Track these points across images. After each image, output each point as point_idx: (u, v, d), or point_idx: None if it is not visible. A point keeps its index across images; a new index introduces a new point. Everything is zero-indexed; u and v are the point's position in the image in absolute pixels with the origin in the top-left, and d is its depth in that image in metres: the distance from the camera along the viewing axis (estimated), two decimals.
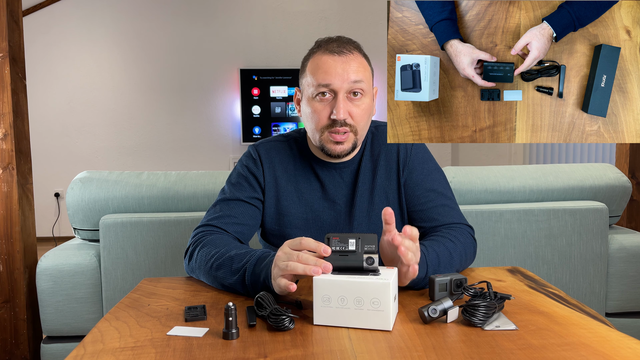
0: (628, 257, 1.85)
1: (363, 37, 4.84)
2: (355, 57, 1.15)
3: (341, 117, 1.12)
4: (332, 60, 1.13)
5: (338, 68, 1.13)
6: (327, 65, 1.13)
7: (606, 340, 0.76)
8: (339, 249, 0.86)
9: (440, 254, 1.06)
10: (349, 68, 1.13)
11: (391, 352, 0.74)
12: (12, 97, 1.89)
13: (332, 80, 1.12)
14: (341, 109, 1.12)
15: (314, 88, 1.14)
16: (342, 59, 1.13)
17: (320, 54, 1.15)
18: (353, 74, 1.13)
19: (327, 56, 1.14)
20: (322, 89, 1.13)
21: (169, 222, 1.75)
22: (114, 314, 0.93)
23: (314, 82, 1.14)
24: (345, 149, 1.17)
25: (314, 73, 1.15)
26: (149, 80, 4.84)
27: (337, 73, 1.12)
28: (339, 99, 1.12)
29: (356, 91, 1.14)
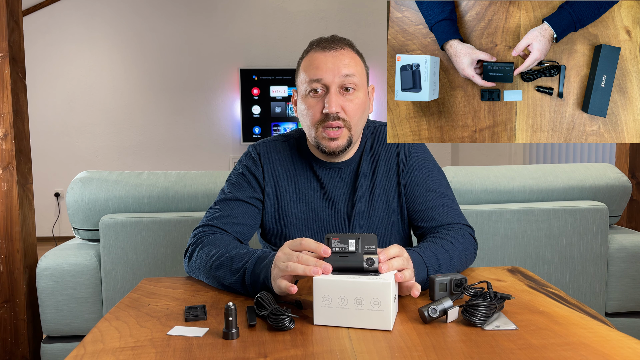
0: (628, 257, 1.85)
1: (363, 37, 4.87)
2: (347, 52, 1.16)
3: (333, 111, 1.12)
4: (324, 56, 1.14)
5: (329, 63, 1.13)
6: (318, 61, 1.14)
7: (606, 340, 0.76)
8: (339, 249, 0.86)
9: (439, 256, 1.06)
10: (340, 62, 1.13)
11: (391, 352, 0.74)
12: (12, 97, 1.89)
13: (323, 75, 1.13)
14: (333, 102, 1.12)
15: (306, 84, 1.15)
16: (333, 54, 1.14)
17: (313, 52, 1.16)
18: (344, 68, 1.13)
19: (319, 53, 1.15)
20: (314, 85, 1.14)
21: (169, 222, 1.75)
22: (114, 313, 0.93)
23: (306, 78, 1.15)
24: (339, 145, 1.16)
25: (306, 70, 1.15)
26: (149, 80, 4.84)
27: (328, 68, 1.13)
28: (331, 92, 1.13)
29: (348, 86, 1.14)
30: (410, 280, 0.90)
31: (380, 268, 0.85)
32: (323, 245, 0.87)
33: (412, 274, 0.91)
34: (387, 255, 0.88)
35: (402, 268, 0.89)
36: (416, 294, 0.89)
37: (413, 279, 0.92)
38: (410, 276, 0.90)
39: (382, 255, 0.87)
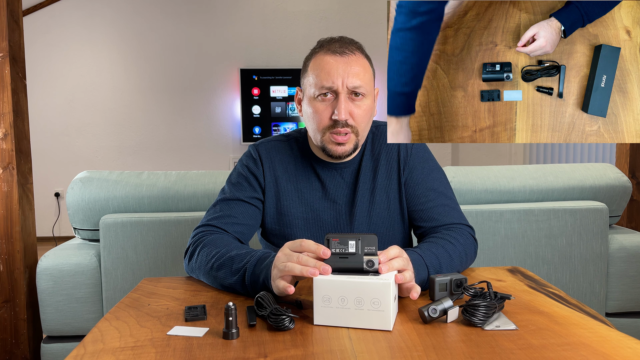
0: (628, 257, 1.85)
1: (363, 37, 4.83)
2: (357, 58, 1.15)
3: (343, 118, 1.12)
4: (334, 60, 1.13)
5: (340, 69, 1.12)
6: (329, 66, 1.13)
7: (606, 340, 0.76)
8: (339, 251, 0.86)
9: (439, 256, 1.06)
10: (351, 70, 1.12)
11: (391, 352, 0.74)
12: (12, 96, 1.89)
13: (333, 81, 1.12)
14: (342, 109, 1.12)
15: (315, 88, 1.14)
16: (344, 60, 1.13)
17: (322, 54, 1.15)
18: (354, 77, 1.12)
19: (329, 56, 1.14)
20: (324, 90, 1.13)
21: (169, 222, 1.75)
22: (114, 313, 0.93)
23: (315, 82, 1.14)
24: (346, 150, 1.17)
25: (316, 73, 1.14)
26: (149, 80, 4.84)
27: (339, 74, 1.12)
28: (341, 99, 1.12)
29: (357, 92, 1.14)
30: (411, 282, 0.90)
31: (380, 269, 0.85)
32: (323, 246, 0.87)
33: (412, 276, 0.91)
34: (387, 256, 0.88)
35: (402, 269, 0.89)
36: (415, 296, 0.90)
37: (413, 281, 0.92)
38: (411, 277, 0.90)
39: (382, 256, 0.87)
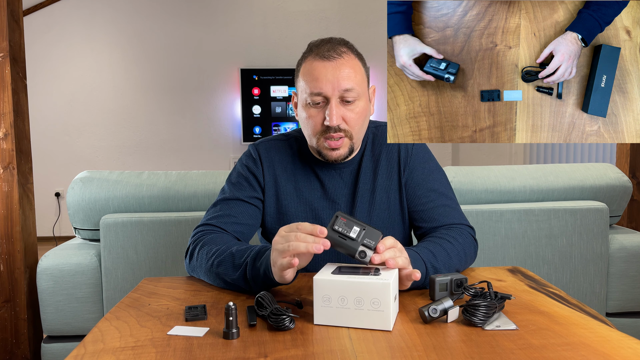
0: (628, 257, 1.85)
1: (363, 37, 4.86)
2: (347, 60, 1.13)
3: (334, 124, 1.12)
4: (323, 66, 1.12)
5: (329, 74, 1.11)
6: (317, 72, 1.12)
7: (606, 340, 0.76)
8: (341, 230, 0.88)
9: (436, 253, 1.06)
10: (340, 74, 1.11)
11: (391, 352, 0.74)
12: (12, 96, 1.89)
13: (322, 88, 1.11)
14: (334, 115, 1.11)
15: (306, 95, 1.14)
16: (333, 65, 1.12)
17: (312, 59, 1.14)
18: (344, 80, 1.11)
19: (318, 62, 1.12)
20: (314, 98, 1.13)
21: (169, 221, 1.75)
22: (114, 313, 0.93)
23: (306, 88, 1.14)
24: (341, 155, 1.17)
25: (306, 79, 1.14)
26: (149, 80, 4.85)
27: (328, 79, 1.11)
28: (332, 105, 1.11)
29: (349, 95, 1.12)
30: (408, 268, 0.91)
31: (372, 259, 0.86)
32: (319, 226, 0.87)
33: (406, 261, 0.92)
34: (384, 245, 0.89)
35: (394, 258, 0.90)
36: (418, 276, 0.90)
37: (409, 267, 0.92)
38: (405, 263, 0.91)
39: (380, 245, 0.88)
